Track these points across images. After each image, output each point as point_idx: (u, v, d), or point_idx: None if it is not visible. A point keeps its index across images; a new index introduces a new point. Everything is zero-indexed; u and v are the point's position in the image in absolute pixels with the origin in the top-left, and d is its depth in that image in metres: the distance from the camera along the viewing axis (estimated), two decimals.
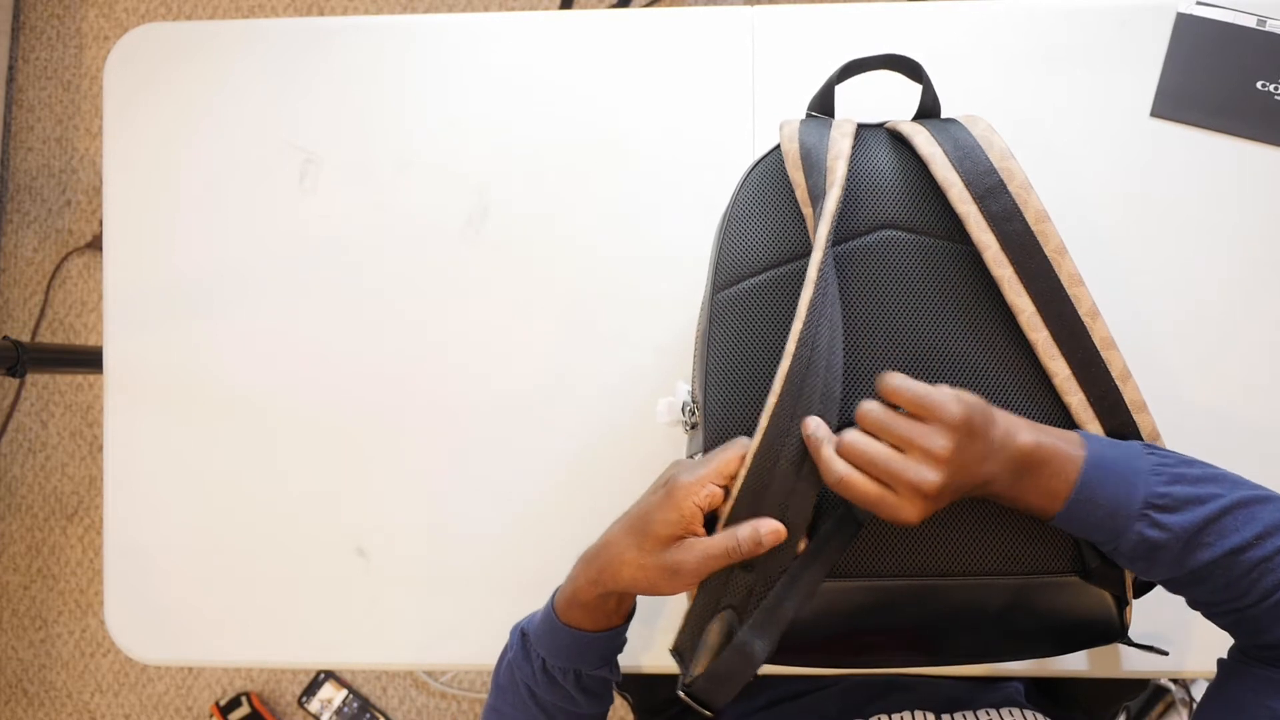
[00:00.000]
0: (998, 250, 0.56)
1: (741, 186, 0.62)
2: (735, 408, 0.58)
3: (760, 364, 0.57)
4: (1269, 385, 0.73)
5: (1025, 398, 0.57)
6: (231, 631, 0.80)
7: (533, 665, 0.61)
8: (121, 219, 0.82)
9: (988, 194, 0.56)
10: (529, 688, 0.62)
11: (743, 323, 0.58)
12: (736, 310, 0.59)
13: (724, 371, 0.58)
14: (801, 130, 0.61)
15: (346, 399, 0.80)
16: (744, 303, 0.59)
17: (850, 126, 0.60)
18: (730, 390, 0.58)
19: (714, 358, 0.59)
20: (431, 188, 0.80)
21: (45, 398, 1.58)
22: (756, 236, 0.60)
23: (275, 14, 1.61)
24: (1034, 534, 0.57)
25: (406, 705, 1.53)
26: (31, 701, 1.59)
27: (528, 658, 0.62)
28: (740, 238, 0.60)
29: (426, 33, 0.81)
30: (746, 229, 0.60)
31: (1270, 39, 0.75)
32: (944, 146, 0.58)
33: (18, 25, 1.62)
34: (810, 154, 0.59)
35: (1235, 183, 0.74)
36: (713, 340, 0.59)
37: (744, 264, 0.59)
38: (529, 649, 0.62)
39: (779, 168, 0.61)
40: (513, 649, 0.64)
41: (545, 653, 0.61)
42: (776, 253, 0.59)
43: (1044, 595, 0.58)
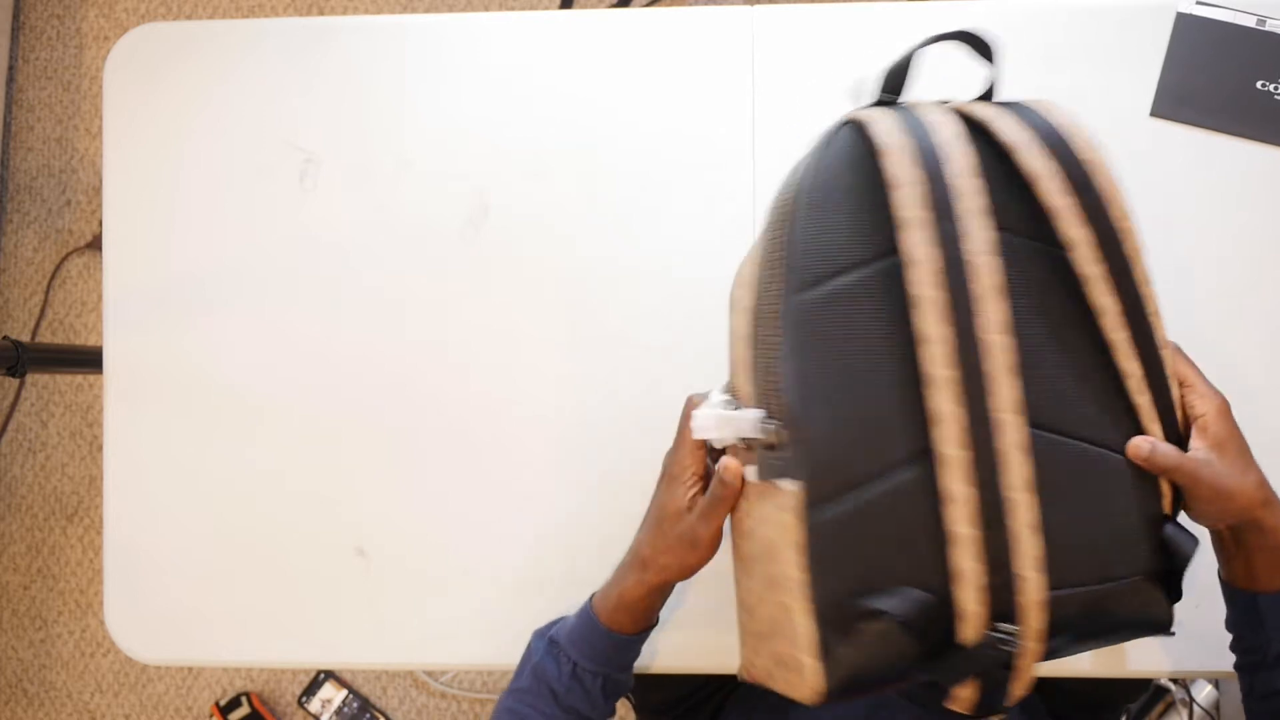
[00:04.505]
0: (1092, 247, 0.52)
1: (814, 179, 0.52)
2: (853, 419, 0.50)
3: (874, 368, 0.50)
4: (1269, 385, 0.73)
5: (1098, 399, 0.54)
6: (231, 631, 0.80)
7: (561, 669, 0.63)
8: (121, 219, 0.82)
9: (1083, 186, 0.52)
10: (552, 690, 0.64)
11: (844, 326, 0.51)
12: (833, 312, 0.51)
13: (831, 381, 0.50)
14: (897, 119, 0.53)
15: (346, 399, 0.80)
16: (840, 303, 0.51)
17: (947, 114, 0.54)
18: (844, 400, 0.50)
19: (812, 367, 0.50)
20: (431, 187, 0.80)
21: (45, 398, 1.58)
22: (842, 232, 0.51)
23: (275, 14, 1.61)
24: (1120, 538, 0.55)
25: (406, 705, 1.53)
26: (31, 701, 1.59)
27: (556, 662, 0.64)
28: (820, 235, 0.51)
29: (426, 32, 0.81)
30: (828, 224, 0.52)
31: (1270, 39, 0.75)
32: (1029, 133, 0.53)
33: (18, 25, 1.62)
34: (921, 148, 0.51)
35: (1235, 183, 0.74)
36: (804, 349, 0.50)
37: (828, 262, 0.51)
38: (558, 654, 0.64)
39: (858, 157, 0.52)
40: (538, 653, 0.66)
41: (579, 656, 0.63)
42: (866, 248, 0.51)
43: (1116, 598, 0.55)
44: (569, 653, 0.64)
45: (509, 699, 0.66)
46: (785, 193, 0.54)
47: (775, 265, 0.53)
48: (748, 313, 0.55)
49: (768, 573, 0.52)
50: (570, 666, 0.63)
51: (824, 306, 0.51)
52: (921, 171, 0.50)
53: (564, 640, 0.65)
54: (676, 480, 0.59)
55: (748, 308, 0.55)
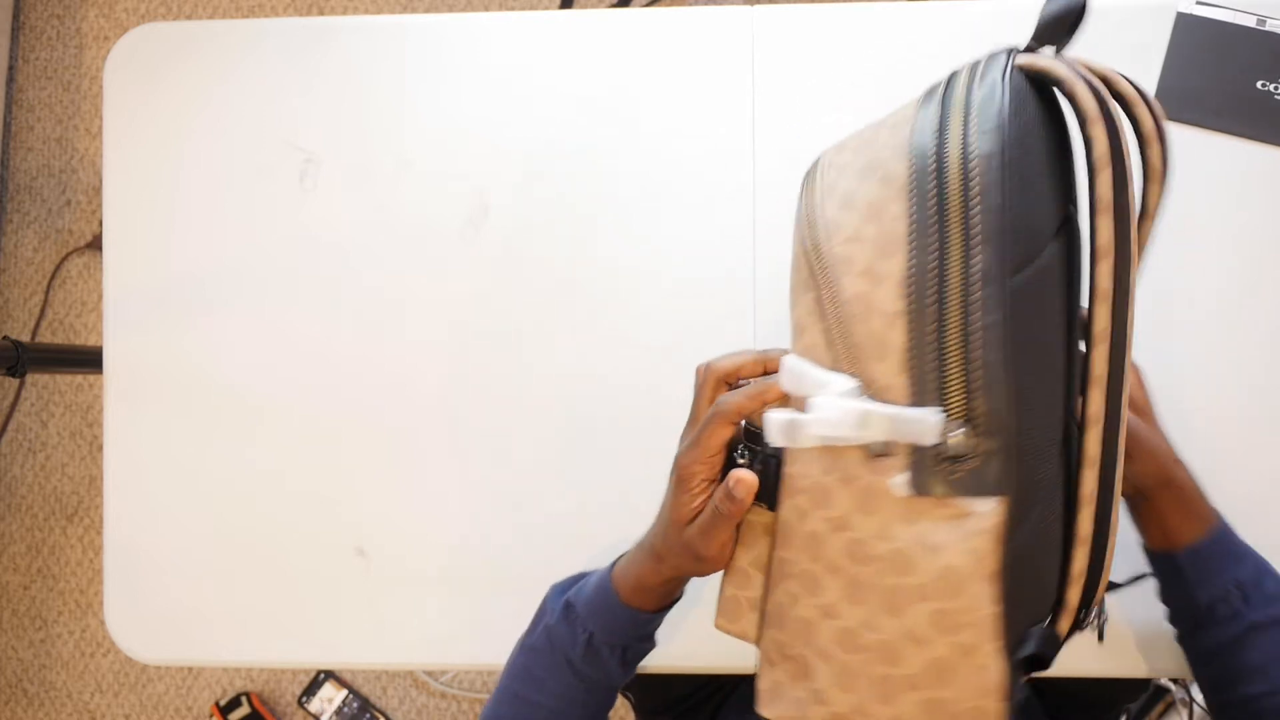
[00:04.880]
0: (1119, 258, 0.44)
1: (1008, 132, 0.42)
2: (1039, 424, 0.44)
3: (1052, 363, 0.45)
4: (1269, 385, 0.73)
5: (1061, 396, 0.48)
6: (231, 631, 0.80)
7: (577, 636, 0.61)
8: (121, 219, 0.82)
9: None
10: (567, 657, 0.62)
11: (1039, 313, 0.44)
12: (1033, 297, 0.43)
13: (1027, 380, 0.43)
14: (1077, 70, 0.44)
15: (346, 398, 0.80)
16: (1040, 286, 0.44)
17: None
18: (1035, 401, 0.44)
19: (1024, 362, 0.42)
20: (431, 187, 0.80)
21: (45, 398, 1.58)
22: (1044, 198, 0.45)
23: (275, 14, 1.61)
24: None
25: (406, 705, 1.53)
26: (31, 701, 1.59)
27: (571, 629, 0.61)
28: (1028, 201, 0.43)
29: (426, 32, 0.81)
30: (1033, 188, 0.44)
31: (1270, 39, 0.74)
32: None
33: (18, 25, 1.62)
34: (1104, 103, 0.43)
35: (1235, 183, 0.74)
36: (1016, 341, 0.42)
37: (1034, 237, 0.43)
38: (574, 620, 0.62)
39: (1039, 107, 0.45)
40: (552, 615, 0.63)
41: (597, 629, 0.61)
42: (1055, 217, 0.45)
43: None
44: (586, 623, 0.61)
45: (522, 655, 0.64)
46: (948, 144, 0.44)
47: (958, 233, 0.43)
48: (898, 284, 0.44)
49: (939, 609, 0.43)
50: (586, 636, 0.61)
51: (1030, 289, 0.43)
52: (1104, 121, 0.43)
53: (582, 609, 0.62)
54: (683, 486, 0.53)
55: (897, 278, 0.44)
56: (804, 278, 0.49)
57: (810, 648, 0.47)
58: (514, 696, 0.63)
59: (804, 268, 0.49)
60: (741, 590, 0.54)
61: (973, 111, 0.44)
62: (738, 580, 0.54)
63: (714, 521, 0.52)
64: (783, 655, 0.49)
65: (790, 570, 0.48)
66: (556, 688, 0.62)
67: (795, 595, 0.48)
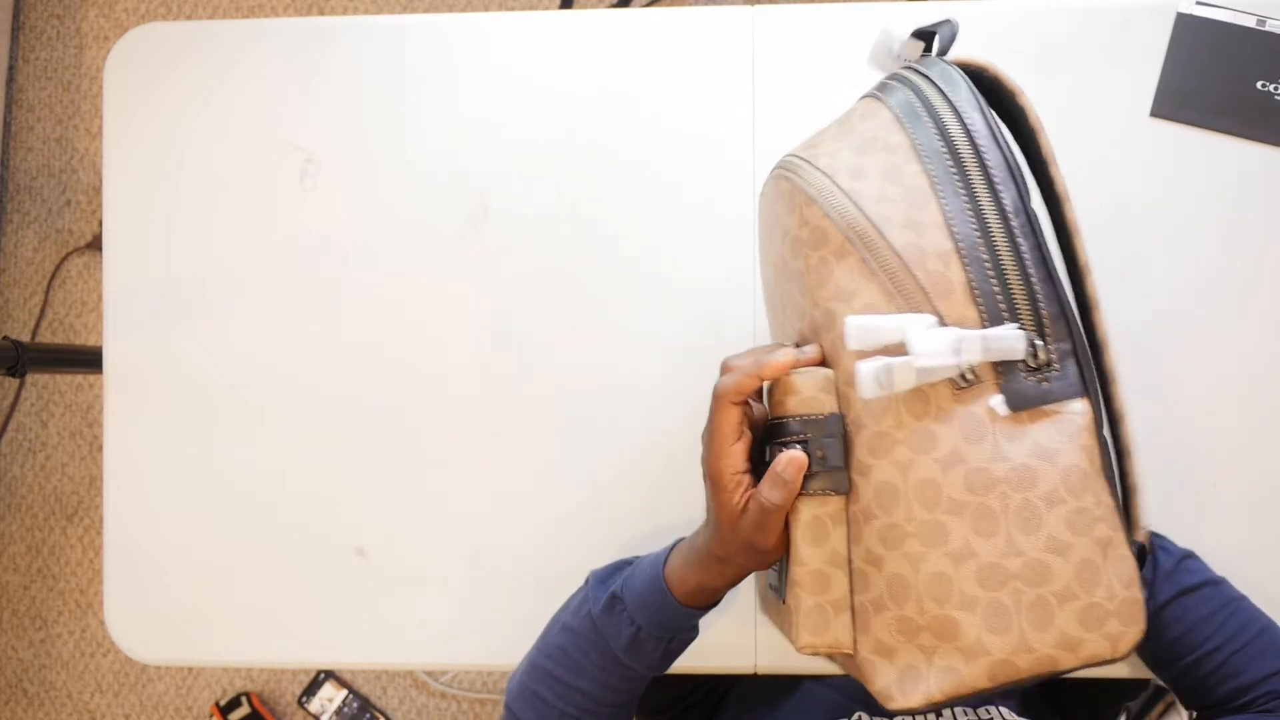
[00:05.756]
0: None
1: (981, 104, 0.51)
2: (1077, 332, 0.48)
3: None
4: (1269, 385, 0.73)
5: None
6: (231, 631, 0.80)
7: (623, 629, 0.60)
8: (121, 219, 0.82)
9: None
10: (610, 645, 0.61)
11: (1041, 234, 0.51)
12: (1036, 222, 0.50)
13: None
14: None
15: (346, 398, 0.80)
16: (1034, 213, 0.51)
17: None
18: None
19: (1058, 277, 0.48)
20: (431, 187, 0.80)
21: (45, 398, 1.58)
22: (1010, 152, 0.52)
23: (275, 14, 1.61)
24: None
25: (406, 705, 1.53)
26: (31, 701, 1.59)
27: (618, 621, 0.61)
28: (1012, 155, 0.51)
29: (426, 32, 0.81)
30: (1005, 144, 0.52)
31: (1270, 39, 0.75)
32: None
33: (18, 25, 1.62)
34: None
35: (1235, 183, 0.74)
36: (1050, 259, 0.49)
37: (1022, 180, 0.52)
38: (620, 614, 0.61)
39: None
40: (596, 604, 0.62)
41: (645, 622, 0.60)
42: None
43: None
44: (635, 616, 0.60)
45: (561, 636, 0.64)
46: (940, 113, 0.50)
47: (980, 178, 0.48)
48: (940, 228, 0.48)
49: (1075, 509, 0.45)
50: (634, 629, 0.60)
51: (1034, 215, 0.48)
52: None
53: (631, 604, 0.60)
54: (718, 485, 0.52)
55: (938, 222, 0.48)
56: (832, 250, 0.50)
57: (949, 603, 0.46)
58: (548, 675, 0.63)
59: (827, 242, 0.50)
60: (823, 595, 0.50)
61: (943, 89, 0.51)
62: (815, 585, 0.50)
63: (765, 513, 0.50)
64: (910, 633, 0.47)
65: (904, 531, 0.47)
66: (596, 673, 0.62)
67: (918, 555, 0.47)
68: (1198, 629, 0.61)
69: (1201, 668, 0.61)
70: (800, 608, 0.50)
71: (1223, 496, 0.73)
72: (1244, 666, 0.60)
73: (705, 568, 0.57)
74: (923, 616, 0.47)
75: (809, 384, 0.50)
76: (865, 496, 0.48)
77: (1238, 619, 0.61)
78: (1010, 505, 0.45)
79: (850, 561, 0.50)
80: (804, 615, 0.50)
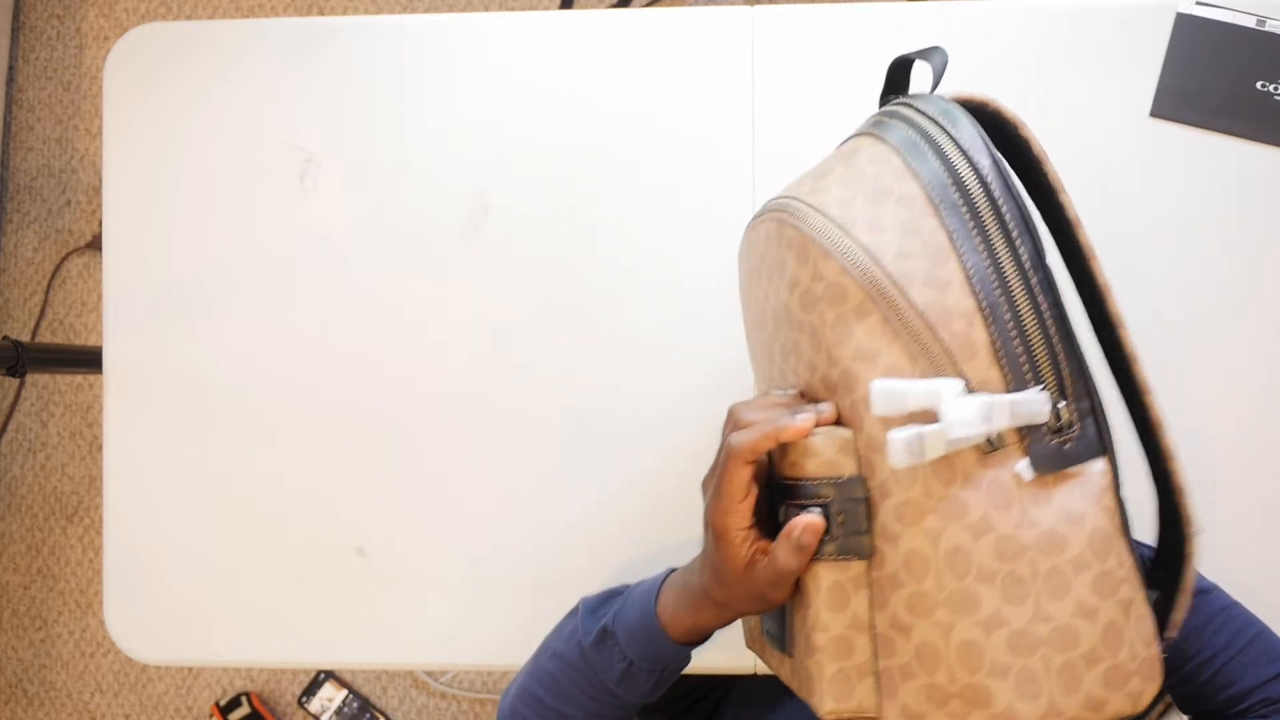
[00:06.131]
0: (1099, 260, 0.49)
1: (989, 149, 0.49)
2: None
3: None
4: (1268, 385, 0.73)
5: None
6: (231, 631, 0.80)
7: (615, 663, 0.61)
8: (121, 219, 0.82)
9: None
10: (601, 678, 0.61)
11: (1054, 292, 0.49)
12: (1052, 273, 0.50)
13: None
14: None
15: (346, 398, 0.80)
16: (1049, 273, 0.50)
17: None
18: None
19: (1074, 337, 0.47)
20: (431, 187, 0.80)
21: (45, 398, 1.58)
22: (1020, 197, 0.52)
23: (275, 14, 1.61)
24: None
25: (406, 705, 1.53)
26: (31, 701, 1.59)
27: (609, 655, 0.61)
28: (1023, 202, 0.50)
29: (426, 33, 0.81)
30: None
31: (1270, 39, 0.75)
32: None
33: (18, 25, 1.62)
34: None
35: (1235, 183, 0.74)
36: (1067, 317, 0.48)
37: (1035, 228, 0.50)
38: (612, 649, 0.61)
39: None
40: (587, 636, 0.62)
41: (637, 656, 0.60)
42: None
43: None
44: (627, 651, 0.60)
45: (551, 663, 0.64)
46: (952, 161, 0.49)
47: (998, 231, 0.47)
48: (962, 286, 0.47)
49: (1100, 573, 0.45)
50: (626, 664, 0.60)
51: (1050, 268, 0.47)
52: None
53: (623, 639, 0.60)
54: (724, 540, 0.51)
55: (959, 280, 0.47)
56: (852, 308, 0.49)
57: (980, 672, 0.46)
58: (538, 701, 0.63)
59: (846, 299, 0.49)
60: (846, 661, 0.49)
61: (947, 129, 0.49)
62: (838, 651, 0.49)
63: (781, 576, 0.49)
64: (939, 700, 0.47)
65: (934, 600, 0.47)
66: (587, 703, 0.62)
67: (949, 624, 0.46)
68: (1190, 639, 0.61)
69: (1196, 677, 0.61)
70: (824, 674, 0.50)
71: (1224, 496, 0.73)
72: (1238, 675, 0.60)
73: (701, 609, 0.57)
74: (953, 685, 0.46)
75: (829, 446, 0.49)
76: (893, 564, 0.48)
77: (1230, 627, 0.61)
78: (1040, 571, 0.45)
79: (873, 626, 0.49)
80: (828, 682, 0.50)
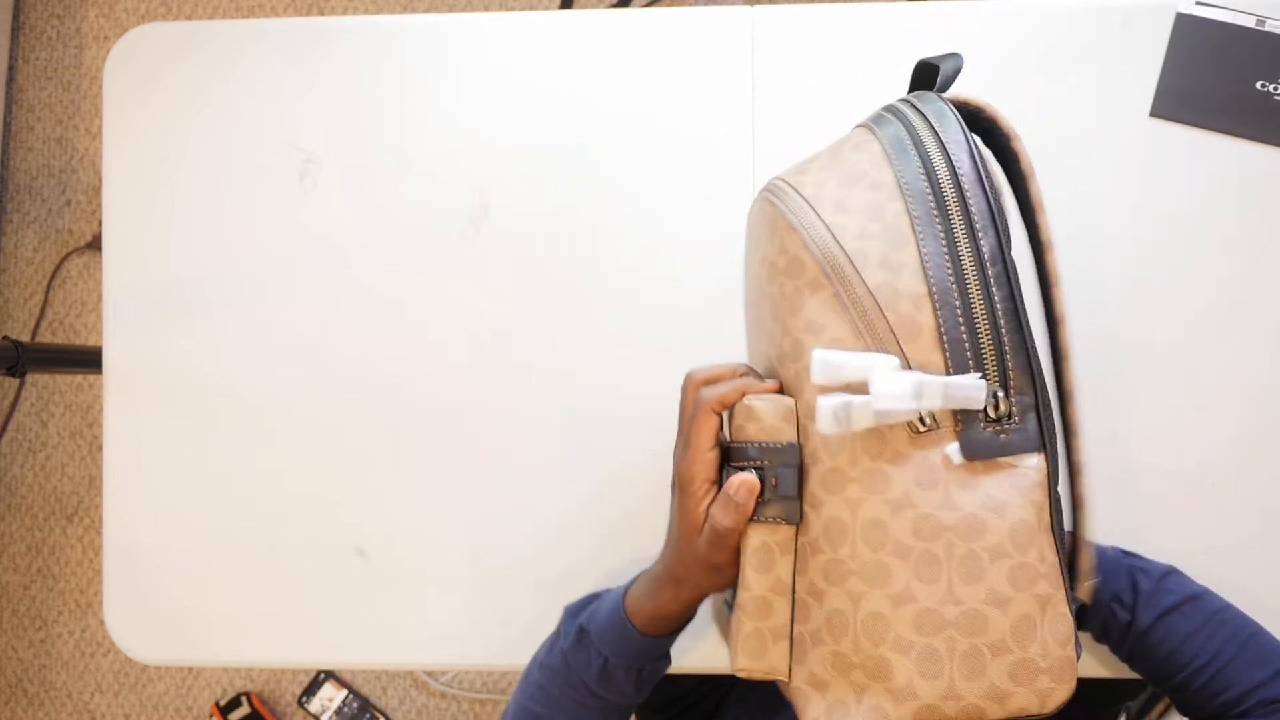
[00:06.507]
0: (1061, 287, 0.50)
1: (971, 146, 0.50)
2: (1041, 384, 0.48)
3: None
4: (1269, 385, 0.73)
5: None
6: (231, 631, 0.80)
7: (591, 662, 0.62)
8: (121, 219, 0.82)
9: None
10: (582, 679, 0.62)
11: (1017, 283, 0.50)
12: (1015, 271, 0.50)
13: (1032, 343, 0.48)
14: None
15: (346, 399, 0.80)
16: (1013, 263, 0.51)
17: None
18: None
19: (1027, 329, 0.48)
20: (431, 187, 0.80)
21: (45, 398, 1.58)
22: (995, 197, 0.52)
23: (275, 14, 1.61)
24: None
25: (406, 705, 1.53)
26: (31, 701, 1.59)
27: (586, 654, 0.62)
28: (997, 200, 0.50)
29: (426, 33, 0.81)
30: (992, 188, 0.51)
31: (1270, 39, 0.75)
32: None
33: (18, 25, 1.62)
34: None
35: (1235, 183, 0.74)
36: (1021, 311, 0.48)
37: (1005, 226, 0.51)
38: (588, 647, 0.62)
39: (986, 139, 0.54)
40: (566, 639, 0.63)
41: (611, 654, 0.61)
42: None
43: None
44: (600, 649, 0.62)
45: (538, 674, 0.65)
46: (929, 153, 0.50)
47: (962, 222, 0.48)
48: (916, 271, 0.48)
49: (1018, 564, 0.46)
50: (601, 661, 0.61)
51: (1013, 264, 0.48)
52: None
53: (596, 636, 0.62)
54: (687, 493, 0.53)
55: (914, 265, 0.48)
56: (807, 281, 0.50)
57: (884, 644, 0.46)
58: (530, 714, 0.64)
59: (803, 272, 0.50)
60: (763, 621, 0.51)
61: (935, 127, 0.50)
62: (756, 611, 0.51)
63: (718, 535, 0.51)
64: (843, 669, 0.48)
65: (848, 568, 0.47)
66: (574, 708, 0.63)
67: (859, 594, 0.47)
68: (1183, 648, 0.61)
69: (1193, 684, 0.61)
70: (741, 631, 0.51)
71: (1223, 497, 0.73)
72: (1234, 679, 0.60)
73: (659, 592, 0.58)
74: (857, 654, 0.47)
75: (771, 412, 0.50)
76: (815, 530, 0.49)
77: (1223, 632, 0.61)
78: (955, 554, 0.46)
79: (794, 591, 0.50)
80: (743, 639, 0.51)
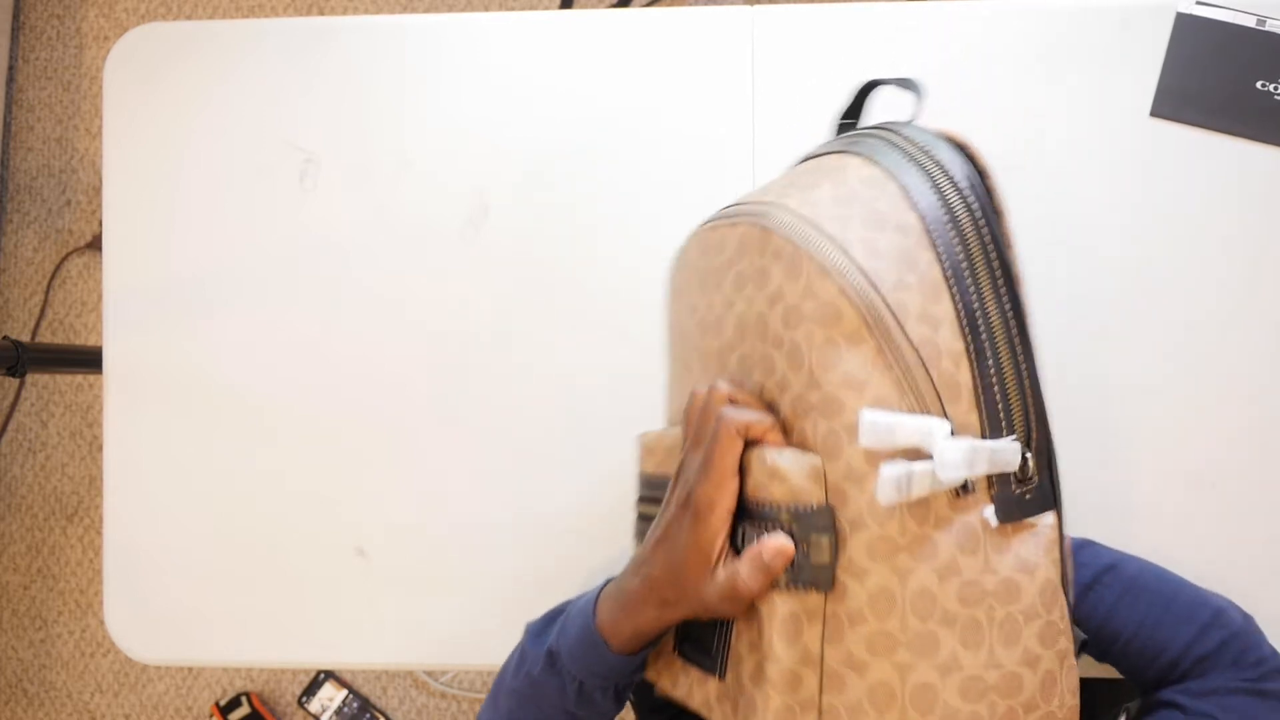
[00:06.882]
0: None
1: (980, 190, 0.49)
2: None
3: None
4: (1268, 385, 0.73)
5: None
6: (231, 631, 0.80)
7: (566, 686, 0.58)
8: (121, 219, 0.82)
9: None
10: (557, 703, 0.60)
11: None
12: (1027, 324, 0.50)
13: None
14: None
15: (346, 399, 0.80)
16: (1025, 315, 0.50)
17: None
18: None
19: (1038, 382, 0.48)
20: (431, 187, 0.80)
21: (45, 398, 1.58)
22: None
23: (275, 14, 1.61)
24: None
25: (406, 705, 1.53)
26: (31, 701, 1.59)
27: (560, 679, 0.59)
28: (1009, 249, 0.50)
29: (426, 33, 0.81)
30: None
31: (1270, 39, 0.75)
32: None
33: (18, 25, 1.62)
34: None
35: (1235, 183, 0.74)
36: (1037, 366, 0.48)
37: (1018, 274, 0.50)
38: (561, 672, 0.59)
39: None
40: (535, 664, 0.60)
41: (586, 675, 0.58)
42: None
43: None
44: (574, 671, 0.58)
45: (507, 701, 0.62)
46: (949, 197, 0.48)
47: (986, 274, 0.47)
48: (953, 326, 0.46)
49: (1046, 624, 0.46)
50: (576, 685, 0.58)
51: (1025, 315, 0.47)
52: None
53: (567, 659, 0.58)
54: (703, 520, 0.48)
55: (950, 320, 0.46)
56: (844, 332, 0.47)
57: (930, 716, 0.46)
58: None
59: (839, 322, 0.47)
60: (792, 695, 0.48)
61: (944, 166, 0.48)
62: (785, 685, 0.48)
63: (738, 591, 0.47)
64: None
65: (897, 640, 0.46)
66: None
67: (908, 665, 0.46)
68: (1108, 622, 0.60)
69: (1127, 656, 0.60)
70: (770, 707, 0.48)
71: (1222, 497, 0.73)
72: (1165, 643, 0.59)
73: (640, 611, 0.54)
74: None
75: (797, 471, 0.47)
76: (857, 600, 0.46)
77: (1144, 598, 0.60)
78: (995, 619, 0.46)
79: (822, 661, 0.48)
80: (773, 714, 0.48)
